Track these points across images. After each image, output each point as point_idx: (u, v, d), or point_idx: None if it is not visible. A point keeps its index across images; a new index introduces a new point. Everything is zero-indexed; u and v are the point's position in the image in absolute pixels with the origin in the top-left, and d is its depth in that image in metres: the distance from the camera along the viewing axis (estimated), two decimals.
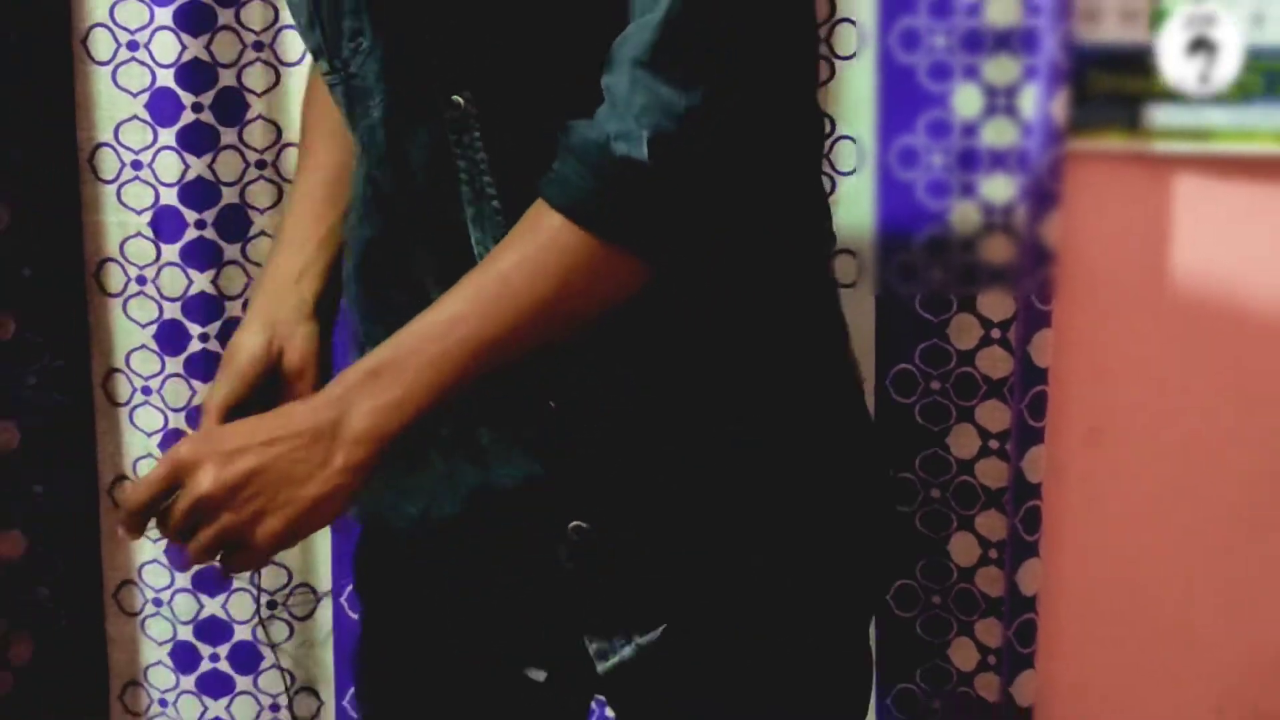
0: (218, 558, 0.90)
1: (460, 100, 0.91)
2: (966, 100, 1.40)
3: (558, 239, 0.87)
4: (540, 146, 0.89)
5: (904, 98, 1.44)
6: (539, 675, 1.02)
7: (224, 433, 0.92)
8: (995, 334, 1.48)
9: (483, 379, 0.90)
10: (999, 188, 1.41)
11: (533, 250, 0.88)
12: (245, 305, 1.55)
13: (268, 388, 1.06)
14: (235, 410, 1.05)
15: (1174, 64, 1.38)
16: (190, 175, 1.53)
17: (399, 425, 0.89)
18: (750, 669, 1.00)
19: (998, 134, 1.40)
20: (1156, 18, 1.39)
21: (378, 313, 1.01)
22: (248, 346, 1.07)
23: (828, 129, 1.46)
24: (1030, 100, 1.39)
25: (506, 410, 0.95)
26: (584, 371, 0.94)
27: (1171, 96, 1.41)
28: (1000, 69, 1.39)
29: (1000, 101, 1.40)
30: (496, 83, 0.91)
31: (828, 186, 1.47)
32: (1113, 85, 1.41)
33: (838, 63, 1.45)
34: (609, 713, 1.39)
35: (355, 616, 1.58)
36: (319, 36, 0.97)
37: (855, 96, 1.46)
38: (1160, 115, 1.41)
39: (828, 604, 1.01)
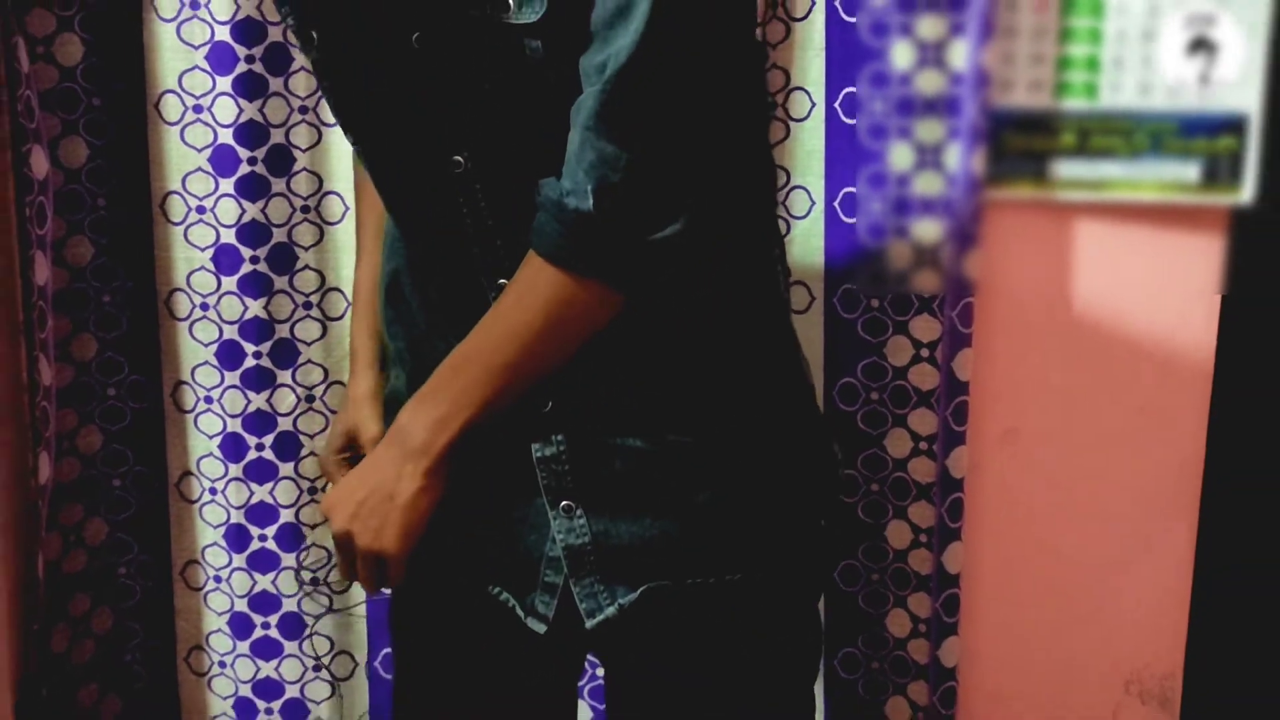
0: (379, 580, 1.03)
1: (460, 159, 0.98)
2: (900, 156, 1.45)
3: (539, 278, 0.95)
4: (532, 191, 0.96)
5: (848, 154, 1.51)
6: (539, 627, 1.05)
7: (342, 481, 1.05)
8: (924, 353, 1.55)
9: (516, 397, 0.98)
10: (928, 230, 1.46)
11: (522, 290, 0.96)
12: (293, 328, 1.63)
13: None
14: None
15: (1174, 64, 1.35)
16: (246, 218, 1.59)
17: (449, 436, 0.99)
18: (720, 634, 1.05)
19: (927, 185, 1.45)
20: (1059, 88, 1.43)
21: (402, 330, 1.10)
22: (337, 438, 1.24)
23: (783, 180, 1.54)
24: (954, 156, 1.44)
25: (512, 411, 1.01)
26: (579, 379, 1.00)
27: (1072, 153, 1.44)
28: (929, 130, 1.44)
29: (929, 157, 1.44)
30: (490, 143, 0.97)
31: (784, 229, 1.54)
32: (1023, 144, 1.46)
33: (792, 124, 1.52)
34: (599, 672, 1.56)
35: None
36: (344, 117, 1.07)
37: (807, 152, 1.53)
38: (1063, 169, 1.45)
39: (787, 581, 1.07)
